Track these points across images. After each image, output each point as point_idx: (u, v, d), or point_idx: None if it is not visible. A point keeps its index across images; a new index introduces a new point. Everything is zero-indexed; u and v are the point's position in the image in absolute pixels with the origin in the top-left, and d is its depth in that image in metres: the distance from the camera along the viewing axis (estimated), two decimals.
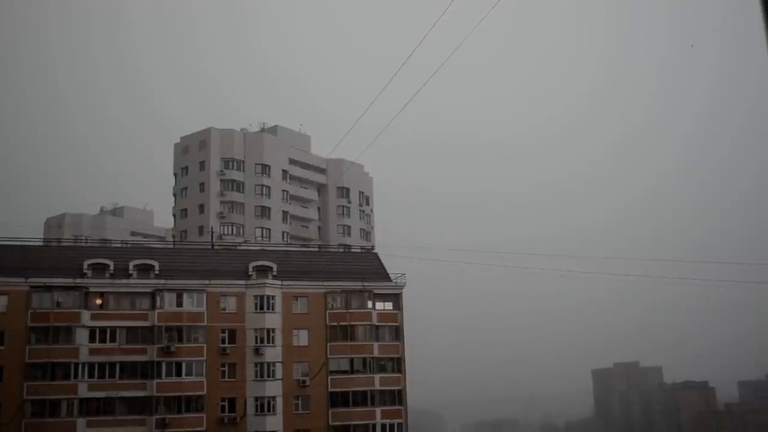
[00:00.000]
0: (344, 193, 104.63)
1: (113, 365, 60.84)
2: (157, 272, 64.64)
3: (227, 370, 63.41)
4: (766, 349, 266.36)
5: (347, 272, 70.25)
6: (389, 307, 68.92)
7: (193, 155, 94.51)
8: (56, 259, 65.71)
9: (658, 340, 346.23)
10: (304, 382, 64.77)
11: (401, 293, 69.86)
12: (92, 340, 60.84)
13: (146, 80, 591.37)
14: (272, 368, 64.10)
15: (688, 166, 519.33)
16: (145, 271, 64.70)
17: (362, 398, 65.67)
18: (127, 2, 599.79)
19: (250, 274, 66.57)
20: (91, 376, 60.13)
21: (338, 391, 65.34)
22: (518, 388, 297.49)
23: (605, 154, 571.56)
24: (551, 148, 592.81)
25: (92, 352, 60.48)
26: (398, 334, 68.60)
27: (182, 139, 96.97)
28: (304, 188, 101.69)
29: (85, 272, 62.91)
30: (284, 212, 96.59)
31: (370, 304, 67.86)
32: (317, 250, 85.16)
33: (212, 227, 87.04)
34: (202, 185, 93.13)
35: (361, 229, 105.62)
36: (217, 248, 76.48)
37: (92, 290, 62.08)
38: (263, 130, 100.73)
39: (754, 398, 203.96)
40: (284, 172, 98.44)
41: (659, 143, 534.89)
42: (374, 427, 65.19)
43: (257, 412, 62.96)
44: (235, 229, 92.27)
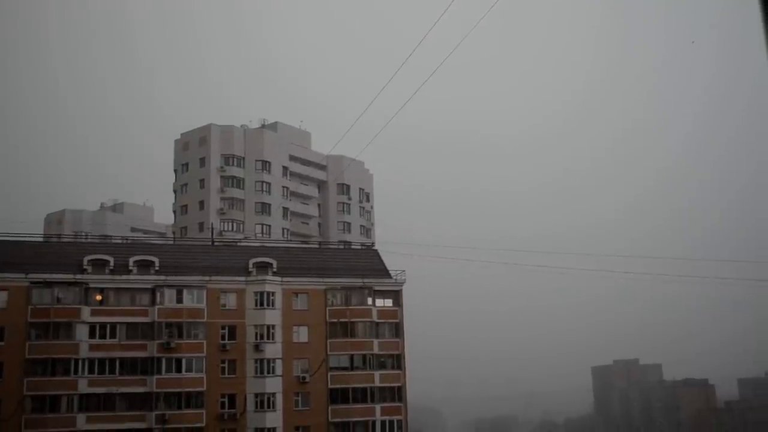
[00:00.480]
0: (344, 189, 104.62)
1: (113, 361, 60.91)
2: (157, 268, 64.64)
3: (227, 366, 63.47)
4: (765, 346, 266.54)
5: (347, 269, 70.26)
6: (389, 303, 68.96)
7: (193, 152, 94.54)
8: (56, 255, 65.71)
9: (657, 337, 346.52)
10: (304, 378, 64.83)
11: (401, 290, 69.89)
12: (92, 336, 60.92)
13: (146, 76, 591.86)
14: (272, 365, 64.16)
15: (687, 163, 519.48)
16: (145, 267, 64.71)
17: (362, 395, 65.72)
18: (128, 1, 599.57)
19: (250, 270, 66.58)
20: (91, 371, 60.20)
21: (338, 387, 65.38)
22: (518, 385, 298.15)
23: (604, 151, 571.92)
24: (551, 145, 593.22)
25: (92, 348, 60.57)
26: (398, 330, 68.64)
27: (182, 135, 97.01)
28: (304, 185, 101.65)
29: (85, 268, 62.91)
30: (284, 209, 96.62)
31: (370, 300, 67.89)
32: (317, 246, 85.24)
33: (212, 223, 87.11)
34: (202, 182, 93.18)
35: (361, 225, 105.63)
36: (217, 244, 76.48)
37: (92, 286, 62.11)
38: (263, 126, 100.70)
39: (753, 396, 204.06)
40: (284, 168, 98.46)
41: (658, 140, 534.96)
42: (374, 423, 65.24)
43: (257, 408, 63.03)
44: (235, 225, 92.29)
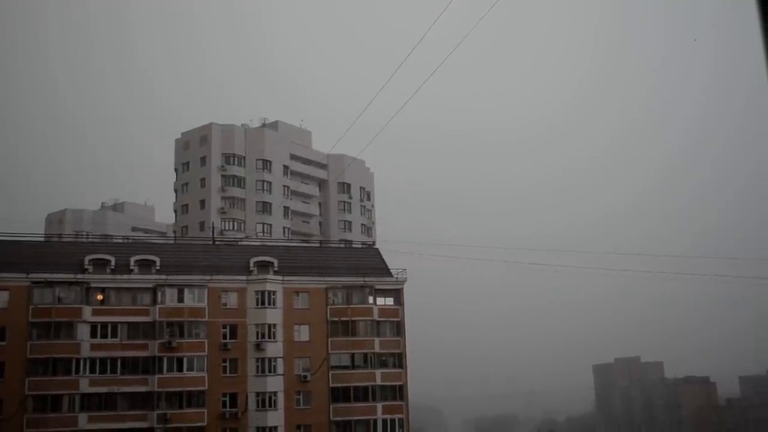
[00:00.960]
0: (345, 188, 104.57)
1: (114, 360, 60.95)
2: (158, 268, 64.66)
3: (228, 365, 63.49)
4: (764, 344, 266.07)
5: (348, 267, 70.25)
6: (390, 302, 68.96)
7: (194, 151, 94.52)
8: (57, 254, 65.71)
9: (656, 335, 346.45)
10: (305, 377, 64.83)
11: (402, 288, 69.89)
12: (93, 335, 60.96)
13: (147, 76, 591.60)
14: (273, 363, 64.17)
15: (685, 162, 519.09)
16: (146, 266, 64.72)
17: (363, 394, 65.72)
18: (127, 0, 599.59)
19: (251, 269, 66.59)
20: (92, 371, 60.25)
21: (339, 386, 65.40)
22: (518, 383, 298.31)
23: (604, 150, 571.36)
24: (550, 144, 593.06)
25: (93, 347, 60.62)
26: (399, 329, 68.64)
27: (183, 134, 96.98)
28: (305, 184, 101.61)
29: (86, 268, 62.92)
30: (285, 208, 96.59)
31: (371, 299, 67.89)
32: (318, 245, 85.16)
33: (213, 223, 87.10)
34: (203, 181, 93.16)
35: (362, 224, 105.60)
36: (218, 244, 76.48)
37: (93, 286, 62.15)
38: (264, 125, 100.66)
39: (754, 394, 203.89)
40: (285, 167, 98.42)
41: (657, 139, 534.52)
42: (375, 422, 65.26)
43: (258, 407, 63.04)
44: (236, 224, 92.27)
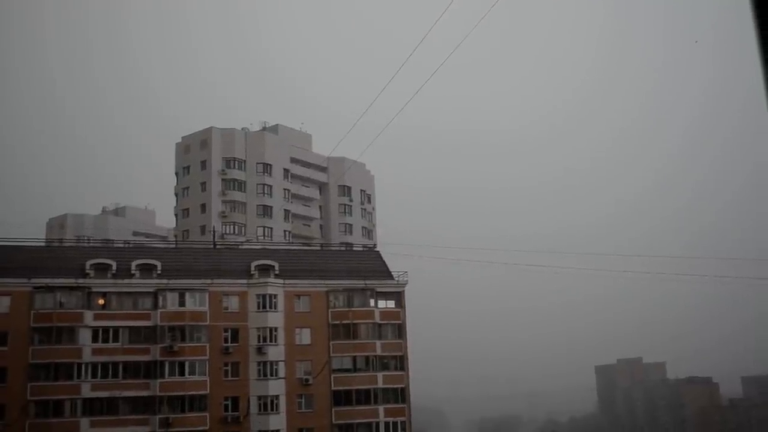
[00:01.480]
0: (346, 191, 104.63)
1: (116, 365, 60.97)
2: (159, 272, 64.70)
3: (230, 369, 63.49)
4: (765, 344, 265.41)
5: (349, 270, 70.28)
6: (391, 305, 68.96)
7: (194, 155, 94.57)
8: (58, 259, 65.77)
9: (656, 336, 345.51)
10: (306, 380, 64.82)
11: (403, 291, 69.89)
12: (95, 340, 60.99)
13: (147, 80, 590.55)
14: (275, 367, 64.18)
15: (685, 163, 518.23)
16: (147, 270, 64.77)
17: (365, 396, 65.71)
18: (126, 2, 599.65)
19: (252, 273, 66.62)
20: (94, 376, 60.27)
21: (341, 389, 65.39)
22: (520, 385, 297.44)
23: (604, 150, 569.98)
24: (550, 144, 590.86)
25: (95, 352, 60.64)
26: (401, 331, 68.62)
27: (183, 138, 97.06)
28: (305, 187, 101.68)
29: (87, 272, 62.98)
30: (286, 211, 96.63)
31: (372, 302, 67.90)
32: (319, 248, 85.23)
33: (214, 226, 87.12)
34: (203, 185, 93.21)
35: (362, 227, 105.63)
36: (219, 247, 76.57)
37: (95, 290, 62.21)
38: (264, 129, 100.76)
39: (757, 394, 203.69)
40: (286, 170, 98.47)
41: (657, 140, 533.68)
42: (377, 425, 65.23)
43: (260, 411, 63.04)
44: (237, 228, 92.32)
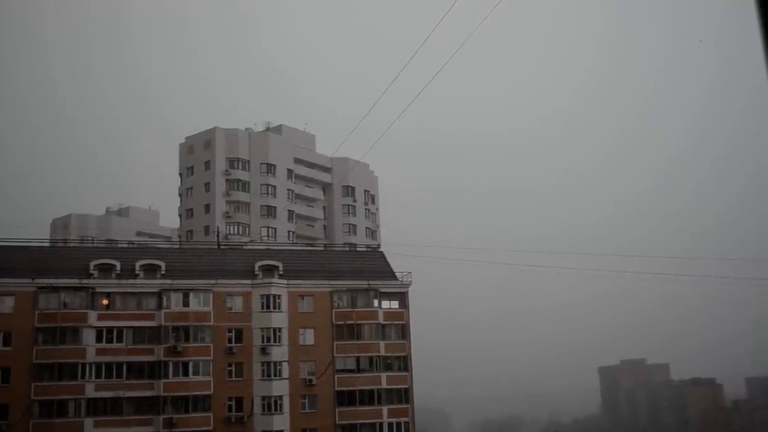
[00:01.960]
0: (349, 191, 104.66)
1: (120, 365, 61.02)
2: (163, 272, 64.73)
3: (234, 369, 63.52)
4: (766, 345, 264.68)
5: (353, 271, 70.27)
6: (395, 305, 68.93)
7: (198, 155, 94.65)
8: (62, 260, 65.85)
9: (658, 337, 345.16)
10: (310, 381, 64.81)
11: (407, 291, 69.86)
12: (99, 340, 61.04)
13: (150, 80, 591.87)
14: (279, 367, 64.18)
15: (686, 164, 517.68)
16: (151, 271, 64.82)
17: (369, 397, 65.68)
18: (129, 2, 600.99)
19: (256, 273, 66.63)
20: (98, 376, 60.31)
21: (345, 389, 65.38)
22: (522, 385, 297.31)
23: (605, 151, 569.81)
24: (552, 145, 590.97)
25: (99, 352, 60.69)
26: (404, 332, 68.60)
27: (187, 139, 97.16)
28: (309, 187, 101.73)
29: (91, 273, 63.05)
30: (290, 211, 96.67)
31: (376, 302, 67.87)
32: (323, 249, 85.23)
33: (218, 227, 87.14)
34: (207, 185, 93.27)
35: (366, 227, 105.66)
36: (223, 248, 76.58)
37: (99, 291, 62.26)
38: (268, 129, 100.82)
39: (761, 395, 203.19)
40: (289, 171, 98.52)
41: (658, 141, 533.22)
42: (381, 425, 65.20)
43: (264, 411, 63.05)
44: (240, 228, 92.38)
